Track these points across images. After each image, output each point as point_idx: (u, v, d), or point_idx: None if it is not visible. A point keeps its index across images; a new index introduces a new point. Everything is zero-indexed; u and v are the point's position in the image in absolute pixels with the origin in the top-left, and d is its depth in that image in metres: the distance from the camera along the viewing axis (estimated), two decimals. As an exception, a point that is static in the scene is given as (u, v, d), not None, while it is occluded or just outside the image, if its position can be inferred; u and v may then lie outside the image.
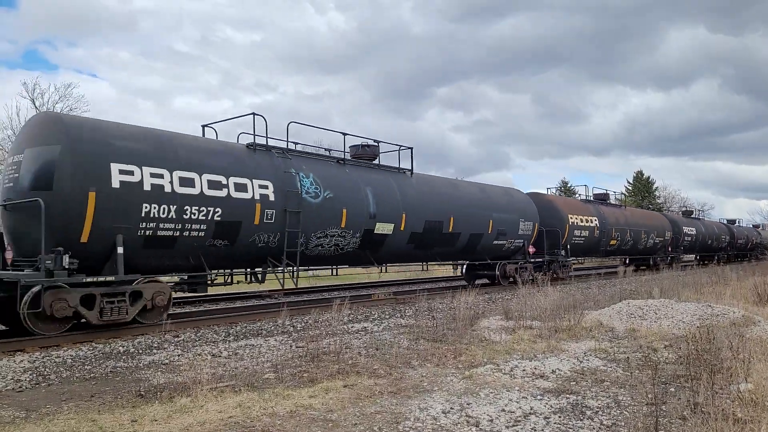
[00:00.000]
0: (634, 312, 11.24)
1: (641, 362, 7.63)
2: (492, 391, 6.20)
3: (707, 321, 10.11)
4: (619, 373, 7.13)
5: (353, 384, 6.45)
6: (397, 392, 6.20)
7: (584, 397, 6.04)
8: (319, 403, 5.70)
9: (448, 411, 5.48)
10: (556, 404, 5.75)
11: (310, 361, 7.74)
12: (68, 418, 5.32)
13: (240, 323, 11.58)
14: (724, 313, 10.95)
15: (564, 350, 8.43)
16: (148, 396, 6.12)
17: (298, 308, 13.65)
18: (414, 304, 14.85)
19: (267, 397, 5.86)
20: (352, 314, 12.53)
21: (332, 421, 5.21)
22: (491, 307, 14.15)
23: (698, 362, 6.54)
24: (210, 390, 6.00)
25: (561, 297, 13.17)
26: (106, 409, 5.71)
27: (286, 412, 5.44)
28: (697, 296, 14.17)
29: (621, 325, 10.49)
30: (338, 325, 10.95)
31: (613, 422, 5.21)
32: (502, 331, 10.05)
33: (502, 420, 5.23)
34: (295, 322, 11.55)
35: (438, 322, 10.97)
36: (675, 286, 17.09)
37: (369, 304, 14.93)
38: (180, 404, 5.62)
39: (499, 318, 11.56)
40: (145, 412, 5.41)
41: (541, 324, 10.33)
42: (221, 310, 14.16)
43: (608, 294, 17.03)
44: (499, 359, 7.76)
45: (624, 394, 6.15)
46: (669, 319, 10.68)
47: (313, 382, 6.57)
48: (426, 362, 7.70)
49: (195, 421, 5.10)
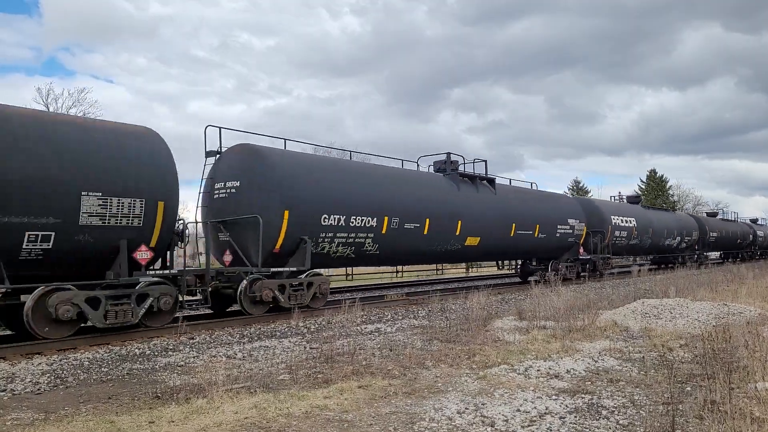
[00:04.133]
0: (649, 311, 11.17)
1: (657, 362, 7.58)
2: (507, 392, 6.19)
3: (723, 320, 10.03)
4: (634, 373, 7.09)
5: (368, 385, 6.46)
6: (412, 393, 6.21)
7: (600, 396, 6.02)
8: (334, 404, 5.72)
9: (463, 411, 5.48)
10: (571, 404, 5.73)
11: (325, 362, 7.77)
12: (86, 420, 5.38)
13: (254, 325, 11.65)
14: (741, 311, 10.85)
15: (578, 350, 8.39)
16: (165, 397, 6.18)
17: (310, 309, 13.69)
18: (427, 305, 14.85)
19: (282, 398, 5.89)
20: (365, 315, 12.55)
21: (347, 421, 5.23)
22: (504, 308, 14.12)
23: (714, 361, 6.49)
24: (226, 391, 6.04)
25: (574, 297, 13.11)
26: (123, 410, 5.77)
27: (301, 413, 5.46)
28: (713, 295, 14.04)
29: (636, 325, 10.42)
30: (351, 326, 10.98)
31: (630, 422, 5.19)
32: (516, 331, 10.03)
33: (518, 420, 5.22)
34: (309, 324, 11.60)
35: (451, 322, 10.97)
36: (690, 285, 16.95)
37: (382, 305, 14.94)
38: (196, 405, 5.66)
39: (513, 318, 11.53)
40: (162, 414, 5.46)
41: (555, 324, 10.29)
42: (235, 312, 14.22)
43: (622, 293, 16.93)
44: (513, 359, 7.74)
45: (640, 394, 6.11)
46: (684, 318, 10.60)
47: (328, 383, 6.60)
48: (440, 363, 7.70)
49: (211, 422, 5.14)
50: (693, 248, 35.54)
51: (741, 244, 44.59)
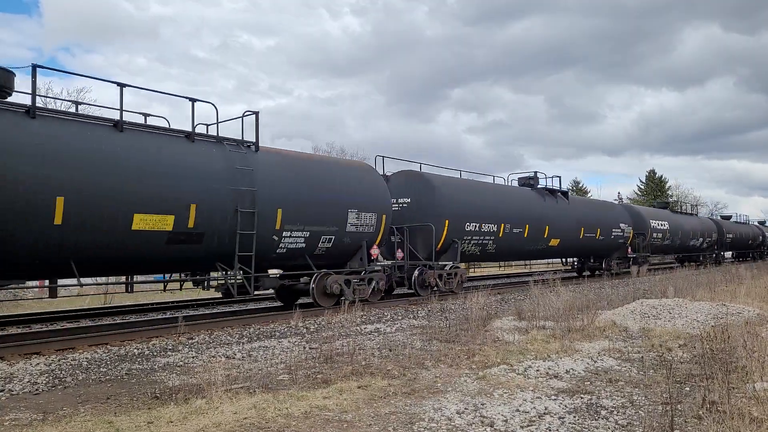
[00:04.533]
0: (648, 312, 11.18)
1: (656, 362, 7.59)
2: (506, 392, 6.19)
3: (722, 320, 10.04)
4: (633, 373, 7.10)
5: (367, 385, 6.46)
6: (411, 393, 6.21)
7: (599, 397, 6.02)
8: (333, 404, 5.72)
9: (463, 411, 5.48)
10: (570, 404, 5.73)
11: (324, 362, 7.76)
12: (85, 420, 5.38)
13: (253, 325, 11.64)
14: (739, 312, 10.86)
15: (578, 350, 8.40)
16: (164, 398, 6.17)
17: (310, 310, 13.68)
18: (426, 305, 14.84)
19: (281, 399, 5.89)
20: (365, 315, 12.54)
21: (347, 421, 5.23)
22: (504, 308, 14.12)
23: (713, 361, 6.50)
24: (225, 392, 6.04)
25: (573, 297, 13.11)
26: (122, 411, 5.76)
27: (300, 413, 5.46)
28: (712, 295, 14.05)
29: (635, 325, 10.43)
30: (351, 326, 10.97)
31: (628, 422, 5.19)
32: (515, 331, 10.02)
33: (517, 420, 5.22)
34: (308, 324, 11.59)
35: (451, 322, 10.97)
36: (689, 285, 16.97)
37: (381, 306, 14.93)
38: (195, 406, 5.65)
39: (512, 318, 11.53)
40: (161, 414, 5.45)
41: (554, 324, 10.29)
42: (234, 312, 14.23)
43: (621, 294, 16.95)
44: (512, 360, 7.74)
45: (639, 394, 6.12)
46: (683, 318, 10.61)
47: (327, 383, 6.59)
48: (439, 363, 7.70)
49: (210, 423, 5.14)
50: (713, 248, 39.89)
51: (752, 245, 49.34)
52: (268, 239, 12.21)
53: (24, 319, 12.87)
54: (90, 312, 14.31)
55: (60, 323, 12.66)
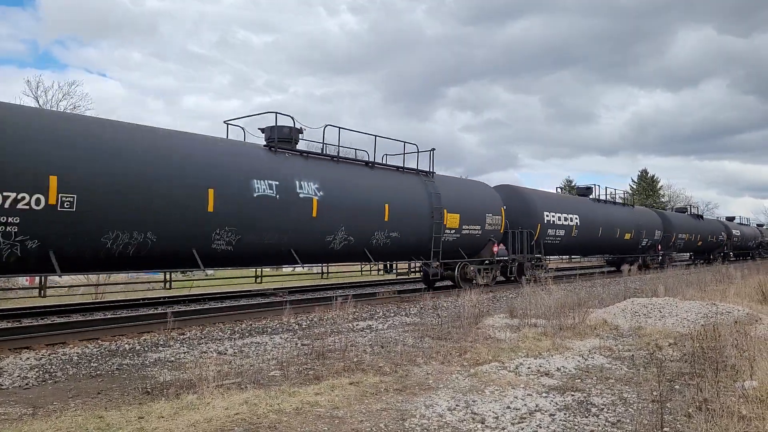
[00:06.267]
0: (639, 310, 11.24)
1: (646, 360, 7.64)
2: (497, 389, 6.21)
3: (712, 319, 10.10)
4: (624, 371, 7.13)
5: (359, 381, 6.47)
6: (403, 389, 6.22)
7: (589, 394, 6.05)
8: (325, 401, 5.72)
9: (454, 408, 5.49)
10: (561, 401, 5.76)
11: (316, 358, 7.76)
12: (75, 415, 5.35)
13: (245, 321, 11.61)
14: (729, 311, 10.93)
15: (569, 348, 8.43)
16: (155, 393, 6.15)
17: (301, 306, 13.68)
18: (419, 302, 14.86)
19: (273, 395, 5.88)
20: (357, 312, 12.55)
21: (338, 418, 5.23)
22: (496, 306, 14.16)
23: (703, 360, 6.55)
24: (216, 387, 6.03)
25: (565, 295, 13.17)
26: (113, 405, 5.74)
27: (292, 409, 5.46)
28: (702, 295, 14.14)
29: (626, 323, 10.48)
30: (343, 323, 10.97)
31: (619, 419, 5.22)
32: (507, 329, 10.06)
33: (508, 417, 5.24)
34: (300, 320, 11.58)
35: (443, 320, 10.99)
36: (679, 284, 17.08)
37: (374, 302, 14.95)
38: (186, 401, 5.64)
39: (504, 316, 11.56)
40: (152, 409, 5.43)
41: (545, 322, 10.33)
42: (226, 308, 14.18)
43: (612, 292, 17.03)
44: (504, 357, 7.76)
45: (629, 392, 6.15)
46: (674, 317, 10.67)
47: (319, 379, 6.59)
48: (431, 360, 7.72)
49: (201, 418, 5.12)
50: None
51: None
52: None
53: (14, 314, 12.78)
54: (81, 307, 14.22)
55: (50, 318, 12.58)
